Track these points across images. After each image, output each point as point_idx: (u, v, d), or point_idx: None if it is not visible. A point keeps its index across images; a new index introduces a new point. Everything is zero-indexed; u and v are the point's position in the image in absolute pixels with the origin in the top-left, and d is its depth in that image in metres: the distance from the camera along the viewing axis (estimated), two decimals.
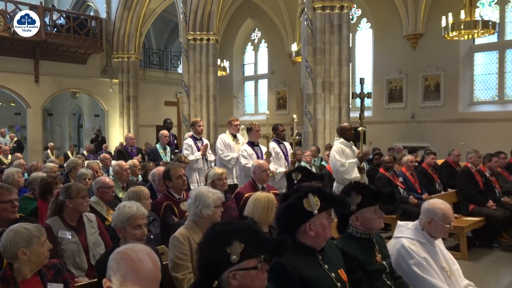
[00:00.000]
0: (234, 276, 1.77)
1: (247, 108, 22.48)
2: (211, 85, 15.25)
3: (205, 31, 15.11)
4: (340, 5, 11.40)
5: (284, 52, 19.58)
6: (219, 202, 3.13)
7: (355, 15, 17.48)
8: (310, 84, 11.46)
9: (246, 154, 6.35)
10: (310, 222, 2.27)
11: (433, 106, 15.44)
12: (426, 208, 3.05)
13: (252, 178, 4.92)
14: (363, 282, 2.60)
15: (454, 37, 11.12)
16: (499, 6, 14.44)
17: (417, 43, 15.82)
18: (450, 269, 3.01)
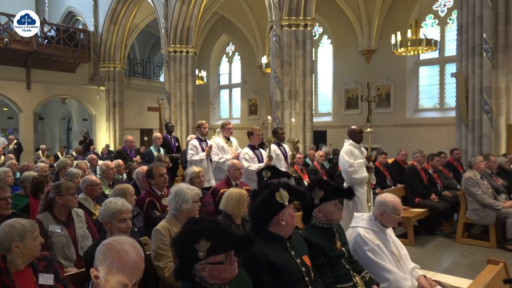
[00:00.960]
0: (203, 269, 1.78)
1: (223, 113, 22.41)
2: (190, 93, 15.15)
3: (184, 44, 15.01)
4: (304, 23, 11.54)
5: (255, 64, 19.62)
6: (197, 197, 3.11)
7: (317, 32, 17.69)
8: (278, 93, 11.55)
9: (248, 157, 5.90)
10: (281, 213, 2.30)
11: (385, 112, 15.78)
12: (378, 202, 3.10)
13: (227, 175, 4.91)
14: (324, 266, 2.62)
15: (402, 52, 11.41)
16: (439, 27, 14.92)
17: (371, 58, 16.15)
18: (399, 253, 3.07)
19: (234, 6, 18.43)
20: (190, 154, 6.50)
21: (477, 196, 5.93)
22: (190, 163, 6.28)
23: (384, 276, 2.85)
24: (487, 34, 7.80)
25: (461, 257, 5.46)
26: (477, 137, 8.14)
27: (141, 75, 21.54)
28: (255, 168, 5.65)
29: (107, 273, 1.49)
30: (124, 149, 8.50)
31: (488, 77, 7.84)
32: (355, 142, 5.58)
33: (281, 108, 11.56)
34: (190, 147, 6.63)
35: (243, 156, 5.90)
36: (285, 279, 2.24)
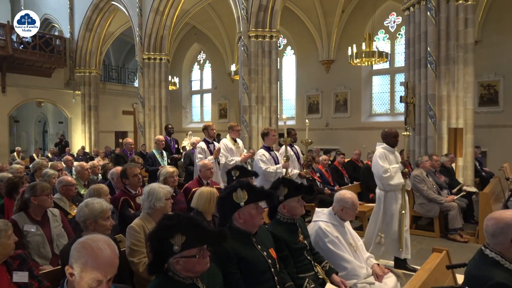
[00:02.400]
0: (177, 262, 1.76)
1: (194, 117, 22.17)
2: (163, 98, 14.89)
3: (158, 52, 14.74)
4: (270, 35, 11.63)
5: (225, 71, 19.56)
6: (169, 195, 3.05)
7: (282, 43, 17.85)
8: (246, 98, 11.56)
9: (265, 159, 5.32)
10: (238, 212, 2.29)
11: (342, 117, 16.13)
12: (338, 198, 3.15)
13: (199, 175, 4.85)
14: (289, 258, 2.64)
15: (357, 63, 11.70)
16: (390, 41, 15.42)
17: (330, 67, 16.46)
18: (356, 244, 3.14)
19: (205, 18, 18.31)
20: (199, 157, 5.83)
21: (423, 191, 6.15)
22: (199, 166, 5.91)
23: (343, 265, 2.90)
24: (431, 48, 8.13)
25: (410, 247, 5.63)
26: (422, 139, 8.46)
27: (116, 80, 20.95)
28: (273, 170, 5.19)
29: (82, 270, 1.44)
30: (124, 152, 7.82)
31: (432, 86, 8.16)
32: (389, 145, 4.79)
33: (249, 113, 11.58)
34: (198, 151, 5.99)
35: (260, 158, 5.32)
36: (253, 271, 2.24)
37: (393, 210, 4.61)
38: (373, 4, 13.84)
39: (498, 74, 12.74)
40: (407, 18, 8.90)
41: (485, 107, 12.82)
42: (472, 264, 1.97)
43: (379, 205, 4.72)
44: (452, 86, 8.13)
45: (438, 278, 2.36)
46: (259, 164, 5.22)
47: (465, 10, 8.09)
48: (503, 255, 1.88)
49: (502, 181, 7.91)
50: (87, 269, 1.44)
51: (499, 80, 12.76)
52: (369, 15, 14.39)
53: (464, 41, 8.12)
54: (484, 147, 11.71)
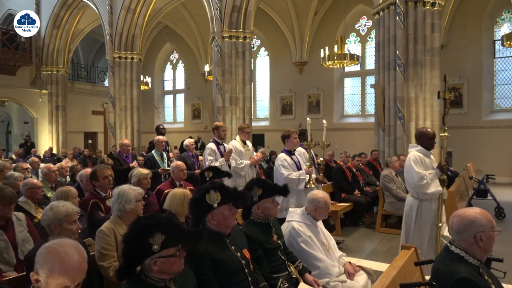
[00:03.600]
0: (155, 263, 1.73)
1: (167, 117, 21.86)
2: (135, 97, 14.59)
3: (129, 51, 14.44)
4: (244, 35, 11.64)
5: (198, 72, 19.41)
6: (140, 196, 2.99)
7: (255, 44, 17.91)
8: (220, 99, 11.51)
9: (286, 164, 4.73)
10: (212, 213, 2.28)
11: (315, 118, 16.21)
12: (311, 199, 3.19)
13: (171, 176, 4.77)
14: (262, 258, 2.65)
15: (329, 65, 11.90)
16: (361, 44, 15.79)
17: (303, 69, 16.66)
18: (328, 243, 3.19)
19: (178, 17, 18.10)
20: (209, 160, 5.45)
21: (393, 191, 6.33)
22: None
23: (316, 264, 2.94)
24: (399, 51, 8.38)
25: (380, 244, 5.78)
26: (392, 140, 8.70)
27: (85, 79, 20.32)
28: (296, 177, 4.63)
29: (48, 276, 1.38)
30: (120, 154, 7.20)
31: (400, 88, 8.42)
32: (425, 148, 4.05)
33: (223, 113, 11.54)
34: (208, 152, 5.53)
35: (281, 163, 4.71)
36: (226, 272, 2.23)
37: (428, 222, 3.99)
38: (344, 8, 14.12)
39: (462, 77, 13.31)
40: (377, 22, 9.14)
41: (450, 109, 13.32)
42: (439, 260, 2.04)
43: (411, 216, 4.07)
44: (420, 88, 8.42)
45: (407, 274, 2.43)
46: (280, 170, 4.64)
47: (431, 15, 8.40)
48: (467, 251, 1.96)
49: (466, 180, 8.26)
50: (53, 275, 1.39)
51: (463, 83, 13.34)
52: (341, 18, 14.68)
53: (431, 45, 8.43)
54: (449, 147, 12.19)
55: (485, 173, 9.47)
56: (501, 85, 13.20)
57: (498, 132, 12.70)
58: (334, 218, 6.36)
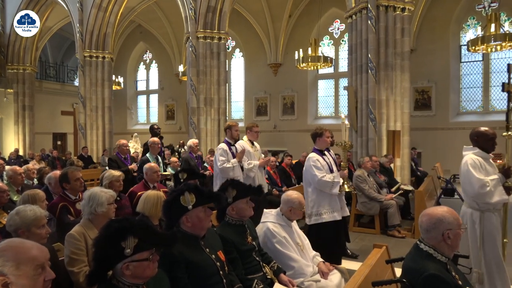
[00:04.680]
0: (127, 267, 1.69)
1: (140, 118, 21.48)
2: (106, 98, 14.24)
3: (100, 50, 14.09)
4: (219, 36, 11.61)
5: (172, 72, 19.18)
6: (112, 199, 2.92)
7: (230, 45, 17.88)
8: (194, 99, 11.43)
9: (319, 165, 4.23)
10: (186, 215, 2.25)
11: (289, 119, 16.50)
12: (286, 200, 3.21)
13: (144, 178, 4.69)
14: (237, 260, 2.64)
15: (304, 67, 12.04)
16: (334, 47, 16.08)
17: (278, 70, 16.78)
18: (302, 243, 3.22)
19: (151, 17, 17.83)
20: (221, 161, 5.09)
21: (365, 191, 6.46)
22: (222, 171, 5.04)
23: (290, 264, 2.96)
24: (371, 54, 8.59)
25: (353, 243, 5.87)
26: (364, 140, 8.90)
27: (54, 79, 19.66)
28: (330, 180, 4.17)
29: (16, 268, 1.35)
30: (118, 156, 6.54)
31: (372, 91, 8.63)
32: (484, 150, 3.45)
33: (197, 114, 11.45)
34: (220, 153, 5.18)
35: (314, 164, 4.21)
36: (201, 274, 2.21)
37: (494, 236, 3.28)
38: (318, 11, 14.33)
39: (431, 80, 13.79)
40: (349, 25, 9.33)
41: (420, 111, 13.81)
42: (409, 258, 2.11)
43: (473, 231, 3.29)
44: (391, 91, 8.66)
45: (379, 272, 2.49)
46: (312, 171, 4.18)
47: (401, 20, 8.66)
48: (436, 249, 2.03)
49: (435, 180, 8.56)
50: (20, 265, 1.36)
51: (432, 86, 13.83)
52: (314, 21, 14.88)
53: (401, 49, 8.69)
54: (418, 148, 12.59)
55: (453, 173, 9.84)
56: (467, 88, 13.77)
57: (464, 133, 13.07)
58: None
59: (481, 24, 12.18)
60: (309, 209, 4.29)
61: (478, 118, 13.30)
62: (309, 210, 4.28)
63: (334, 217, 4.25)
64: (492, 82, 13.38)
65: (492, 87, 13.38)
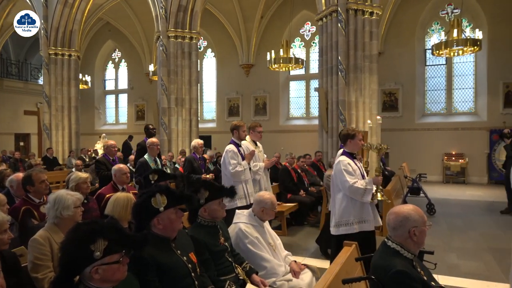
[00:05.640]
0: (96, 271, 1.64)
1: (109, 118, 20.92)
2: (73, 97, 13.75)
3: (66, 47, 13.61)
4: (190, 36, 11.50)
5: (143, 71, 18.82)
6: (78, 202, 2.82)
7: (202, 45, 17.77)
8: (165, 100, 11.25)
9: (351, 169, 3.80)
10: (157, 217, 2.22)
11: (261, 119, 16.54)
12: (258, 200, 3.22)
13: (113, 180, 4.57)
14: (209, 261, 2.63)
15: (275, 68, 12.14)
16: (305, 48, 16.30)
17: (250, 71, 16.82)
18: (274, 243, 3.24)
19: (120, 14, 17.41)
20: (233, 163, 4.82)
21: None
22: (234, 175, 4.80)
23: (262, 264, 2.97)
24: (341, 57, 8.77)
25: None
26: (335, 141, 9.06)
27: (16, 77, 18.79)
28: (362, 186, 3.72)
29: None
30: (106, 157, 6.06)
31: (342, 92, 8.81)
32: None
33: (168, 115, 11.29)
34: (230, 155, 4.89)
35: (345, 168, 3.78)
36: (172, 276, 2.18)
37: None
38: (290, 13, 14.49)
39: (398, 83, 14.26)
40: (320, 28, 9.48)
41: (387, 112, 14.23)
42: (377, 255, 2.17)
43: None
44: (360, 92, 8.87)
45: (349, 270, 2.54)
46: (343, 176, 3.74)
47: (370, 24, 8.90)
48: (402, 246, 2.10)
49: (402, 179, 8.84)
50: None
51: (399, 89, 14.29)
52: (286, 22, 15.04)
53: (369, 52, 8.92)
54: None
55: (418, 172, 10.20)
56: (431, 90, 14.33)
57: (429, 134, 13.76)
58: (281, 218, 6.48)
59: (445, 29, 12.73)
60: (337, 218, 3.82)
61: (441, 119, 13.89)
62: (337, 218, 3.82)
63: (365, 228, 3.77)
64: (454, 85, 14.00)
65: (454, 90, 14.00)
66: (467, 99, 13.86)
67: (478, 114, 13.50)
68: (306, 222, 7.28)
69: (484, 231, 6.53)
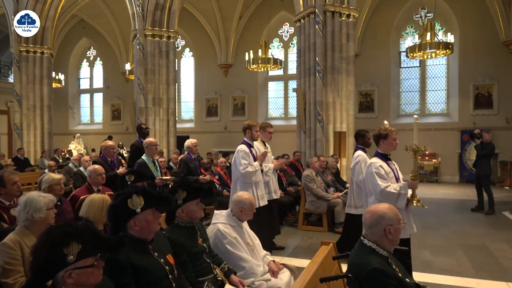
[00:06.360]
0: (69, 275, 1.59)
1: (83, 118, 20.40)
2: (45, 96, 13.33)
3: (39, 45, 13.18)
4: (168, 35, 11.37)
5: (119, 70, 18.46)
6: (51, 204, 2.74)
7: (180, 45, 17.60)
8: (142, 99, 11.09)
9: (383, 172, 3.48)
10: (134, 219, 2.18)
11: (240, 120, 16.52)
12: (236, 200, 3.21)
13: (88, 181, 4.46)
14: (187, 263, 2.60)
15: (254, 68, 12.16)
16: (284, 49, 16.40)
17: (228, 71, 16.78)
18: (253, 243, 3.24)
19: (96, 12, 17.03)
20: (244, 164, 4.68)
21: (313, 190, 6.66)
22: (244, 176, 4.66)
23: (241, 265, 2.97)
24: (319, 58, 8.88)
25: (302, 242, 6.03)
26: (312, 141, 9.17)
27: None
28: (395, 191, 3.40)
29: None
30: (104, 158, 5.69)
31: (320, 93, 8.91)
32: None
33: (145, 114, 11.13)
34: (241, 155, 4.73)
35: (376, 171, 3.47)
36: (149, 279, 2.15)
37: None
38: (268, 13, 14.54)
39: (374, 84, 14.55)
40: (298, 29, 9.57)
41: (363, 113, 14.51)
42: (354, 253, 2.20)
43: None
44: (337, 93, 9.00)
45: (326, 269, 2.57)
46: (374, 180, 3.44)
47: (347, 26, 9.05)
48: (378, 244, 2.14)
49: None
50: None
51: (374, 90, 14.59)
52: (265, 23, 15.07)
53: (346, 53, 9.07)
54: None
55: None
56: (406, 92, 14.70)
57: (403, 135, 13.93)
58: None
59: (418, 32, 13.08)
60: None
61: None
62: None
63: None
64: (428, 87, 14.42)
65: (428, 92, 14.42)
66: (439, 100, 14.30)
67: (450, 115, 13.95)
68: (285, 222, 7.32)
69: (456, 229, 6.76)
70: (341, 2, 8.96)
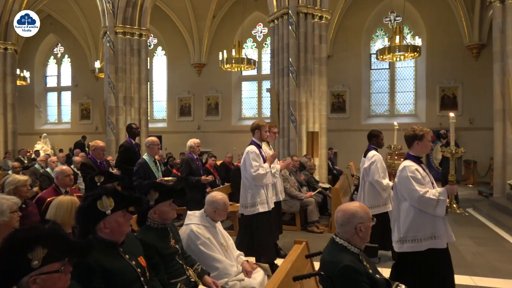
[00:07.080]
0: (34, 281, 1.52)
1: (50, 117, 19.69)
2: (9, 94, 12.77)
3: (2, 40, 12.62)
4: (139, 32, 11.17)
5: (88, 68, 17.94)
6: (15, 207, 2.63)
7: (152, 43, 17.30)
8: (112, 98, 10.84)
9: (420, 177, 3.14)
10: (104, 221, 2.12)
11: (214, 120, 16.48)
12: (210, 201, 3.19)
13: (55, 182, 4.30)
14: (159, 265, 2.57)
15: (227, 68, 12.12)
16: (257, 49, 16.45)
17: (202, 71, 16.66)
18: (227, 244, 3.23)
19: (63, 7, 16.47)
20: (255, 166, 4.47)
21: (287, 189, 6.71)
22: (256, 179, 4.45)
23: (215, 265, 2.96)
24: (292, 59, 8.96)
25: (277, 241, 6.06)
26: (286, 141, 9.25)
27: None
28: (435, 197, 3.05)
29: None
30: (93, 160, 5.42)
31: (293, 93, 9.01)
32: None
33: (116, 114, 10.88)
34: (252, 156, 4.52)
35: (412, 175, 3.12)
36: (120, 282, 2.10)
37: None
38: (242, 13, 14.54)
39: (345, 85, 14.85)
40: (272, 29, 9.62)
41: (336, 113, 14.78)
42: (326, 251, 2.24)
43: None
44: (310, 94, 9.12)
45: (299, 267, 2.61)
46: (411, 185, 3.09)
47: (319, 27, 9.18)
48: (349, 241, 2.19)
49: (349, 178, 9.21)
50: None
51: (346, 91, 14.89)
52: (238, 23, 15.07)
53: (319, 55, 9.20)
54: (334, 148, 13.46)
55: None
56: (376, 93, 15.10)
57: None
58: (232, 218, 6.49)
59: (388, 35, 13.46)
60: (403, 233, 3.15)
61: (385, 121, 14.66)
62: (402, 233, 3.16)
63: (436, 245, 3.08)
64: (397, 88, 14.87)
65: (397, 93, 14.86)
66: (408, 101, 14.77)
67: (418, 115, 14.43)
68: None
69: None
70: (314, 4, 9.09)
